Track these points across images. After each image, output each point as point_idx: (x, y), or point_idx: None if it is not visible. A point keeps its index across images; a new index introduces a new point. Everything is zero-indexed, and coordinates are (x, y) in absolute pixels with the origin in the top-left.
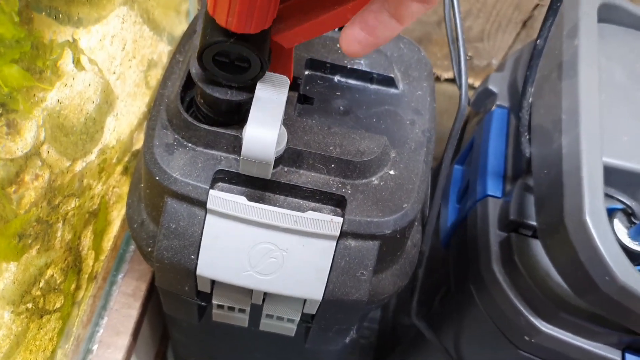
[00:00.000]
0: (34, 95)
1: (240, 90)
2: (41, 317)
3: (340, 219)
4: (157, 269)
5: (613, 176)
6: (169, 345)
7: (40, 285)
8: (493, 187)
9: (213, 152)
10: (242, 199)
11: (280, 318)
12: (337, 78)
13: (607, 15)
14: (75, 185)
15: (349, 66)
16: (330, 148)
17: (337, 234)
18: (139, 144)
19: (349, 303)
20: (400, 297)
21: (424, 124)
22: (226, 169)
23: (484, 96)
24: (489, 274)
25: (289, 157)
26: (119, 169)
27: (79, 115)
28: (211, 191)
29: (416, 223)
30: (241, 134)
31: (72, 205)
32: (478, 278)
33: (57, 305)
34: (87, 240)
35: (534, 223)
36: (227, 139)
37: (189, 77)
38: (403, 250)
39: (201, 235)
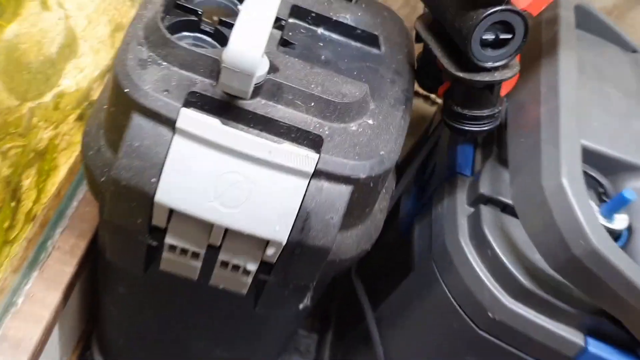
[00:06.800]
0: None
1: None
2: None
3: (316, 155)
4: (110, 194)
5: (585, 157)
6: (94, 331)
7: None
8: (462, 166)
9: (189, 73)
10: (215, 121)
11: (235, 269)
12: (320, 30)
13: (581, 22)
14: (22, 124)
15: (334, 18)
16: (312, 86)
17: (311, 170)
18: (97, 95)
19: (314, 250)
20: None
21: (404, 84)
22: (200, 92)
23: None
24: (455, 247)
25: (268, 90)
26: (73, 116)
27: (38, 53)
28: (182, 109)
29: (384, 190)
30: (221, 58)
31: (16, 143)
32: (443, 252)
33: None
34: (29, 179)
35: (504, 199)
36: (205, 61)
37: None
38: (371, 209)
39: (165, 157)
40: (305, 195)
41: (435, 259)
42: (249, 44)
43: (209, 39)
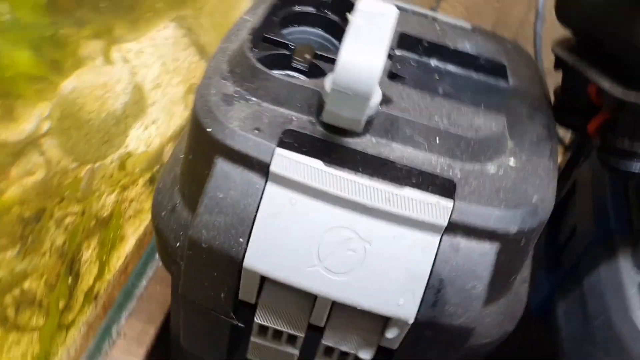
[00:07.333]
0: (44, 84)
1: None
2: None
3: (450, 203)
4: (187, 260)
5: None
6: None
7: (14, 294)
8: (618, 222)
9: (283, 109)
10: (318, 163)
11: (343, 357)
12: (433, 62)
13: None
14: (80, 188)
15: (451, 47)
16: (436, 118)
17: (444, 223)
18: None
19: (450, 330)
20: None
21: (545, 119)
22: (298, 130)
23: None
24: (626, 326)
25: (380, 125)
26: (142, 180)
27: (99, 109)
28: (277, 149)
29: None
30: (322, 89)
31: (72, 209)
32: (608, 334)
33: (35, 322)
34: (89, 251)
35: None
36: (303, 94)
37: (260, 29)
38: (516, 278)
39: (257, 211)
40: (436, 256)
41: (599, 343)
42: (366, 58)
43: (301, 77)
